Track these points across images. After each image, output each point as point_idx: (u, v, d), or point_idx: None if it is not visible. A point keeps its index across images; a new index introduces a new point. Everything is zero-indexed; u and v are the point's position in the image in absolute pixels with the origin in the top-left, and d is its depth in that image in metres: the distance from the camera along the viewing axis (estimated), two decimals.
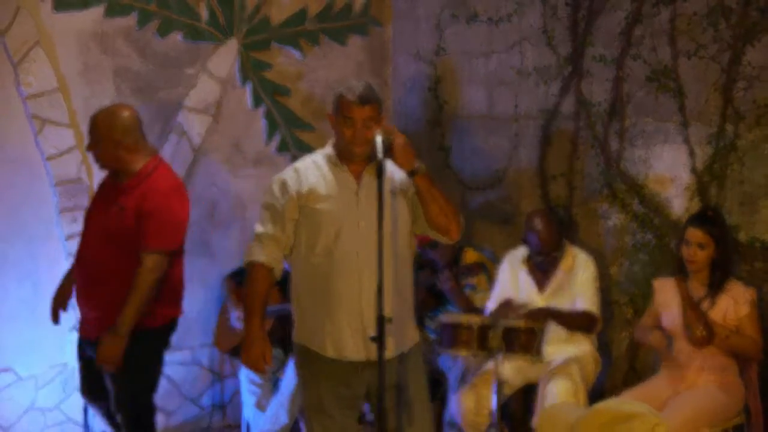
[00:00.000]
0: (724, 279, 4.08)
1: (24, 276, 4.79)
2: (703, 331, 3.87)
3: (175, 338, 5.18)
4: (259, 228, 3.41)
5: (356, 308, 3.32)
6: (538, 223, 4.64)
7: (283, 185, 3.40)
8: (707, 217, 4.14)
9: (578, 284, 4.58)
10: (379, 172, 3.14)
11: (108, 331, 3.72)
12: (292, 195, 3.37)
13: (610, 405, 2.07)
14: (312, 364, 3.42)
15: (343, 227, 3.32)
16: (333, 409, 3.35)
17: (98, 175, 4.81)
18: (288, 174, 3.44)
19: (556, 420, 2.04)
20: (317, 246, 3.34)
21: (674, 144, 4.75)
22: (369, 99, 3.31)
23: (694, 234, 4.06)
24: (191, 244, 5.22)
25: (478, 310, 4.77)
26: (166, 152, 5.03)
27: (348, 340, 3.33)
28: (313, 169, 3.42)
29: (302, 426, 5.04)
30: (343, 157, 3.39)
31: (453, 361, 4.77)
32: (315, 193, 3.36)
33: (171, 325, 4.03)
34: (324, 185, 3.37)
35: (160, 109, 5.02)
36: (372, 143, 3.25)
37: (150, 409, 3.97)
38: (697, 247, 4.06)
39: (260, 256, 3.35)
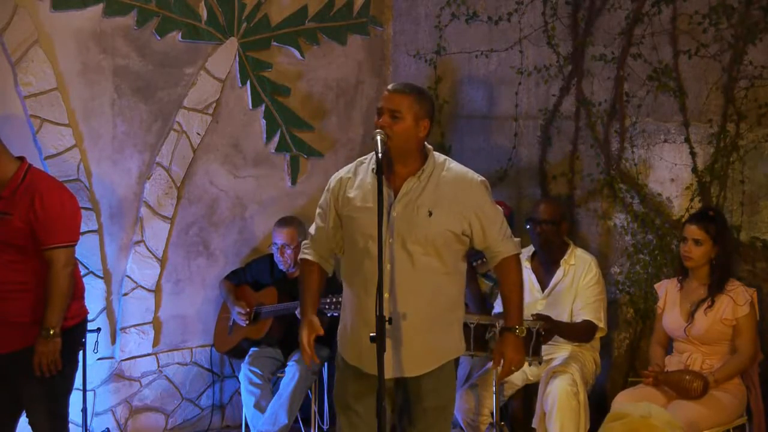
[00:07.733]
0: (725, 279, 4.08)
1: None
2: (699, 387, 3.90)
3: (174, 338, 5.23)
4: (311, 227, 3.47)
5: (372, 326, 3.11)
6: (540, 204, 4.67)
7: (330, 185, 3.37)
8: (706, 215, 4.14)
9: (580, 289, 4.55)
10: (379, 171, 3.07)
11: (40, 337, 3.63)
12: (334, 196, 3.33)
13: (621, 407, 2.06)
14: (341, 366, 3.38)
15: (369, 242, 3.17)
16: (359, 406, 3.29)
17: (97, 175, 4.82)
18: (341, 173, 3.37)
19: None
20: (351, 253, 3.29)
21: (675, 144, 4.74)
22: (401, 90, 3.20)
23: (690, 230, 4.09)
24: (191, 244, 5.24)
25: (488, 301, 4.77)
26: (165, 152, 5.02)
27: (364, 354, 3.20)
28: (364, 173, 3.29)
29: (302, 426, 5.04)
30: (388, 164, 3.17)
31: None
32: (352, 201, 3.26)
33: (84, 324, 3.96)
34: (361, 195, 3.24)
35: (160, 109, 5.00)
36: (400, 137, 3.13)
37: (66, 418, 3.86)
38: (692, 243, 4.06)
39: (307, 253, 3.43)
